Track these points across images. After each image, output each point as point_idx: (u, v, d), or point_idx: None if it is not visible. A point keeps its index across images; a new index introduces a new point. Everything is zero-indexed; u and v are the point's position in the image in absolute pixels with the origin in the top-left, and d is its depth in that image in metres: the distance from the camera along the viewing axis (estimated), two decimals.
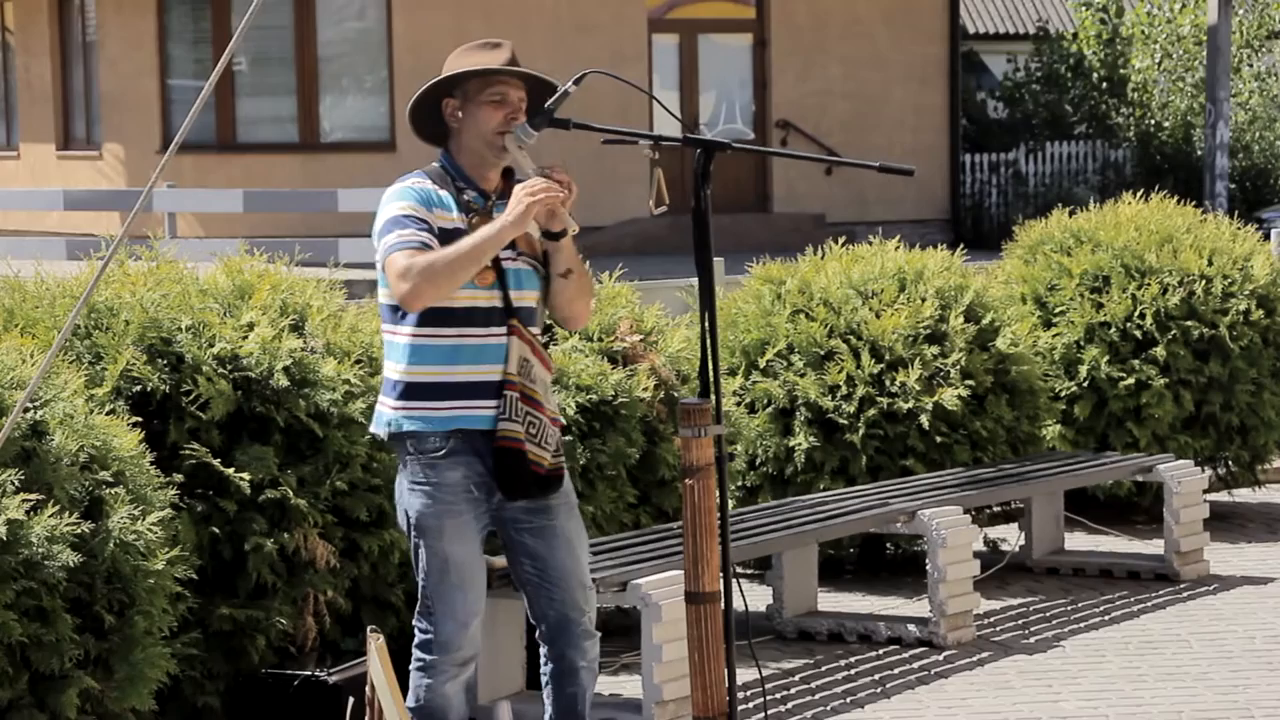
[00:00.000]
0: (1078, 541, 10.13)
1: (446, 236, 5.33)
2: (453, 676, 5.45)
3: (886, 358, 9.23)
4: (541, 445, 5.39)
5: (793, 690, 7.54)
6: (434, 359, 5.36)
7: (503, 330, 5.39)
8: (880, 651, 8.11)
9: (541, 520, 5.48)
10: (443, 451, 5.36)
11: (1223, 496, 11.17)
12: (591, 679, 5.61)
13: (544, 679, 5.60)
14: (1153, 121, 27.71)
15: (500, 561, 5.89)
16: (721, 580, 5.08)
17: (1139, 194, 11.31)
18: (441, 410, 5.36)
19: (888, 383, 9.18)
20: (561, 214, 5.36)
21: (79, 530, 5.59)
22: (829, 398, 9.15)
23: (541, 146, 5.35)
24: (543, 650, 5.59)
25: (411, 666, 5.47)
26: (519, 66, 5.44)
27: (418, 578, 5.45)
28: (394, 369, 5.42)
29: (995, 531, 10.12)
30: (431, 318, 5.34)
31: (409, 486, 5.42)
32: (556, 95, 5.32)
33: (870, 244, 9.83)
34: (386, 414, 5.43)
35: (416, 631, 5.47)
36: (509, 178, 5.51)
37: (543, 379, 5.44)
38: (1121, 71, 28.11)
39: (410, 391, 5.38)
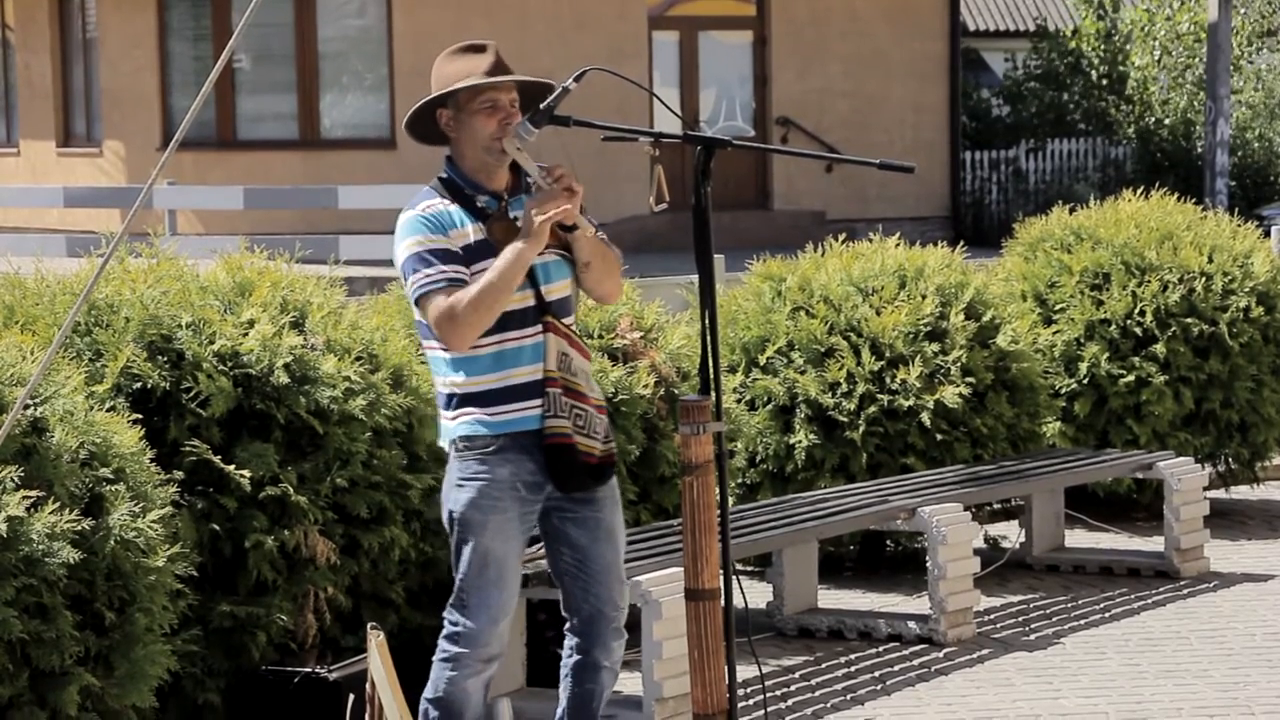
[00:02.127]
0: (1078, 539, 10.13)
1: (468, 254, 5.36)
2: (477, 672, 5.45)
3: (887, 355, 9.23)
4: (590, 435, 5.43)
5: (793, 687, 7.55)
6: (480, 368, 5.39)
7: (538, 329, 5.42)
8: (880, 649, 8.11)
9: (587, 511, 5.50)
10: (493, 448, 5.38)
11: (1223, 494, 11.17)
12: (611, 679, 5.60)
13: (562, 671, 5.59)
14: (1153, 119, 27.72)
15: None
16: (721, 577, 5.08)
17: (1139, 191, 11.30)
18: (495, 415, 5.39)
19: (888, 380, 9.17)
20: (573, 216, 5.38)
21: (79, 527, 5.59)
22: (829, 395, 9.15)
23: (542, 144, 5.35)
24: (568, 642, 5.59)
25: (436, 658, 5.47)
26: (505, 68, 5.45)
27: (455, 572, 5.45)
28: (444, 382, 5.47)
29: (995, 529, 10.12)
30: None
31: (457, 482, 5.43)
32: (556, 93, 5.32)
33: (870, 241, 9.83)
34: (449, 427, 5.46)
35: (446, 623, 5.47)
36: (518, 171, 5.52)
37: (583, 369, 5.47)
38: (1121, 69, 28.12)
39: (464, 401, 5.41)
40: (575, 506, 5.49)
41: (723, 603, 5.09)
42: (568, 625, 5.60)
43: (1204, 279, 10.43)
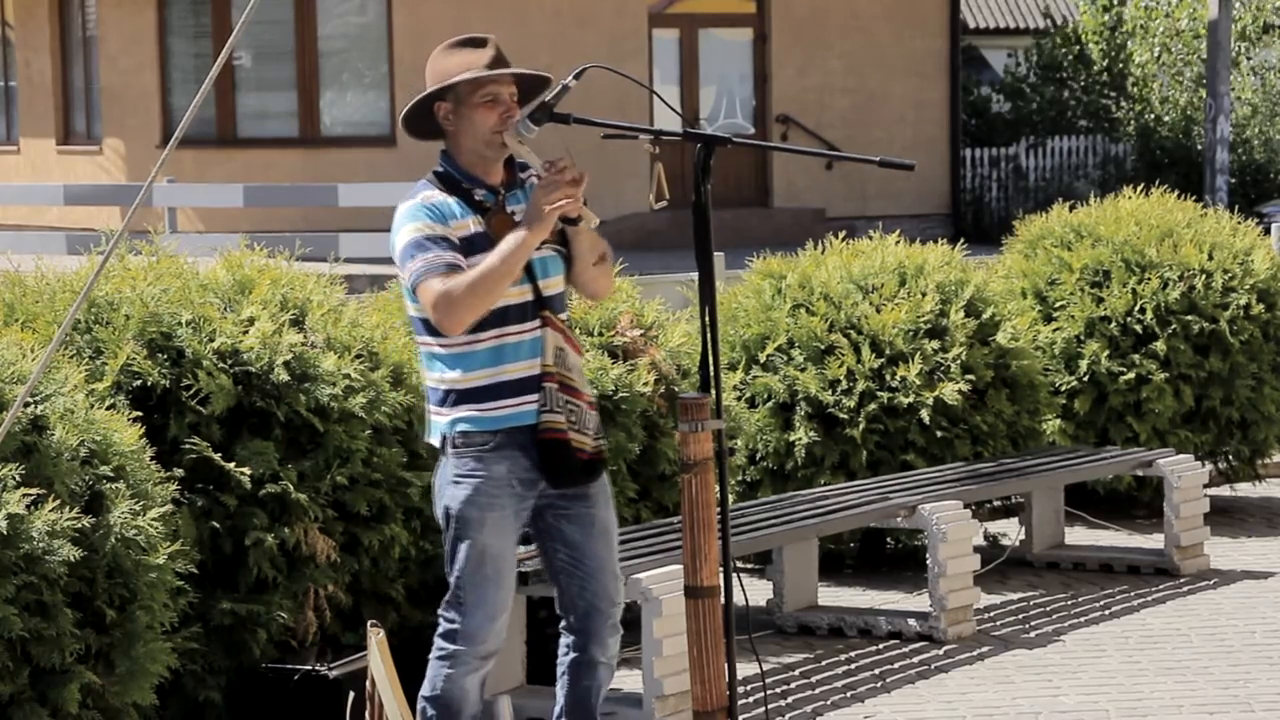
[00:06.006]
0: (1078, 536, 10.13)
1: (467, 245, 5.35)
2: (473, 669, 5.45)
3: (887, 352, 9.23)
4: (582, 431, 5.43)
5: (793, 684, 7.55)
6: (479, 364, 5.38)
7: (536, 324, 5.41)
8: (880, 646, 8.12)
9: (580, 508, 5.50)
10: (490, 445, 5.38)
11: (1223, 491, 11.17)
12: (609, 675, 5.60)
13: (559, 669, 5.59)
14: (1153, 116, 27.71)
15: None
16: (721, 575, 5.08)
17: (1139, 188, 11.31)
18: (491, 411, 5.38)
19: (888, 377, 9.18)
20: (578, 207, 5.38)
21: (80, 525, 5.59)
22: (829, 392, 9.16)
23: (542, 141, 5.35)
24: (564, 640, 5.58)
25: (432, 656, 5.47)
26: (505, 62, 5.44)
27: (450, 569, 5.45)
28: (438, 379, 5.43)
29: (995, 526, 10.12)
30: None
31: (452, 479, 5.41)
32: (556, 90, 5.32)
33: (870, 238, 9.83)
34: (441, 424, 5.44)
35: (442, 621, 5.47)
36: (513, 166, 5.52)
37: (577, 365, 5.48)
38: (1121, 65, 28.12)
39: (460, 398, 5.40)
40: (568, 503, 5.49)
41: (723, 600, 5.09)
42: (564, 623, 5.60)
43: (1204, 276, 10.43)
